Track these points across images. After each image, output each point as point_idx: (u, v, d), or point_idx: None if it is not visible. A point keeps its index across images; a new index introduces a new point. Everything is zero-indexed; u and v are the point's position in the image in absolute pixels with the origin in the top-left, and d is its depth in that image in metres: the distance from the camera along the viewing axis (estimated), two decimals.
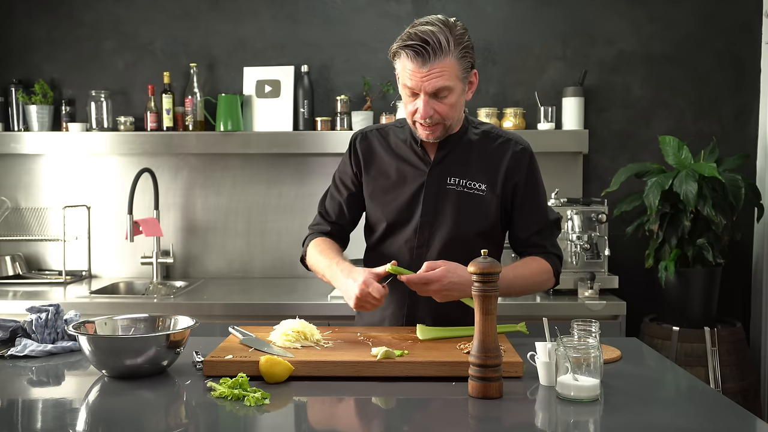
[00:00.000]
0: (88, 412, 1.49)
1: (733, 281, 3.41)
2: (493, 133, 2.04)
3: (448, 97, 1.87)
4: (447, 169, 1.99)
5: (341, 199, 2.10)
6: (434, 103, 1.86)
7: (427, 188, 1.99)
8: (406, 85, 1.87)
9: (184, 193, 3.58)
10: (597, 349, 1.49)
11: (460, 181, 1.98)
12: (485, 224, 1.99)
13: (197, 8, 3.55)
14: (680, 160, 3.17)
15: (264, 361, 1.59)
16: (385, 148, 2.06)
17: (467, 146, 2.01)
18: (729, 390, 2.96)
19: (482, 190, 1.98)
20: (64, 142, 3.45)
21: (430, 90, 1.84)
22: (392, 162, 2.04)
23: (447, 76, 1.84)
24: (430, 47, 1.81)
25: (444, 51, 1.82)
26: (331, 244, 2.07)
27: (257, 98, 3.49)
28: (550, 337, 1.60)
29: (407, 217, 2.00)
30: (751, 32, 3.46)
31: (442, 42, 1.82)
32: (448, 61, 1.83)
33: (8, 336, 1.91)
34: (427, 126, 1.90)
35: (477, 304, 1.50)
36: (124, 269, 3.58)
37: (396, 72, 1.94)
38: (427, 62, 1.81)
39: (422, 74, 1.83)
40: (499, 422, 1.44)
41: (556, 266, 2.02)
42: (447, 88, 1.85)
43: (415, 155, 2.02)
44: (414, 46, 1.82)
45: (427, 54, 1.81)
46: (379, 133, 2.09)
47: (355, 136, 2.11)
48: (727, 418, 1.43)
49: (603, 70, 3.50)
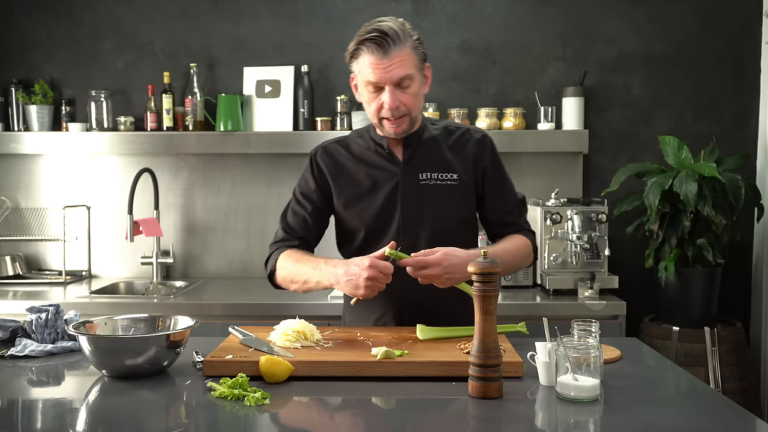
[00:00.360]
0: (88, 412, 1.49)
1: (733, 281, 3.41)
2: (452, 127, 2.12)
3: (410, 86, 1.92)
4: (417, 166, 2.02)
5: (305, 214, 2.07)
6: (399, 94, 1.91)
7: (402, 187, 2.00)
8: (370, 81, 1.91)
9: (184, 193, 3.58)
10: (597, 349, 1.49)
11: (432, 174, 2.02)
12: (465, 212, 2.05)
13: (197, 8, 3.55)
14: (680, 160, 3.17)
15: (264, 361, 1.59)
16: (350, 158, 2.07)
17: (431, 142, 2.06)
18: (729, 390, 2.96)
19: (455, 180, 2.02)
20: (64, 142, 3.45)
21: (395, 79, 1.89)
22: (360, 169, 2.05)
23: (407, 64, 1.90)
24: (389, 37, 1.88)
25: (401, 40, 1.89)
26: (306, 252, 2.04)
27: (257, 98, 3.49)
28: (550, 337, 1.60)
29: (387, 221, 2.00)
30: (751, 32, 3.46)
31: (398, 32, 1.89)
32: (406, 50, 1.90)
33: (8, 336, 1.91)
34: (394, 119, 1.93)
35: (477, 304, 1.50)
36: (124, 269, 3.58)
37: (353, 76, 2.00)
38: (388, 52, 1.87)
39: (385, 65, 1.88)
40: (499, 422, 1.44)
41: (533, 242, 2.11)
42: (409, 77, 1.91)
43: (382, 159, 2.04)
44: (374, 38, 1.87)
45: (388, 44, 1.87)
46: (339, 145, 2.10)
47: (314, 152, 2.10)
48: (727, 418, 1.43)
49: (603, 70, 3.50)
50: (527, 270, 3.19)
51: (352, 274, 1.81)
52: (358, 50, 1.91)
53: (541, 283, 3.17)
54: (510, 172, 3.37)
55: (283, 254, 2.04)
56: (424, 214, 2.00)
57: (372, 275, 1.78)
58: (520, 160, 3.48)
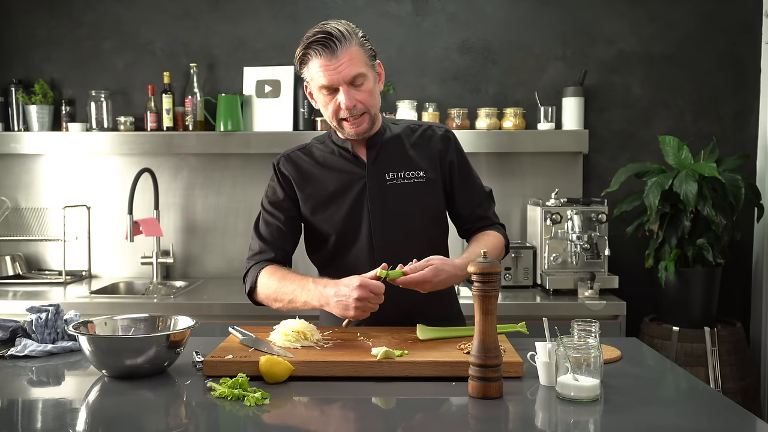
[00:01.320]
0: (88, 412, 1.49)
1: (733, 281, 3.41)
2: (413, 124, 2.11)
3: (364, 84, 1.91)
4: (383, 166, 2.01)
5: (278, 223, 2.03)
6: (354, 93, 1.90)
7: (369, 189, 1.99)
8: (323, 85, 1.89)
9: (184, 193, 3.58)
10: (597, 349, 1.49)
11: (399, 173, 2.01)
12: (435, 209, 2.04)
13: (197, 8, 3.55)
14: (680, 160, 3.17)
15: (264, 361, 1.59)
16: (313, 164, 2.05)
17: (394, 141, 2.05)
18: (729, 390, 2.96)
19: (422, 177, 2.02)
20: (64, 142, 3.45)
21: (347, 78, 1.88)
22: (325, 174, 2.03)
23: (357, 62, 1.89)
24: (334, 37, 1.87)
25: (347, 38, 1.88)
26: (290, 270, 2.00)
27: (257, 98, 3.49)
28: (550, 337, 1.60)
29: (357, 224, 1.98)
30: (751, 32, 3.46)
31: (343, 32, 1.89)
32: (353, 48, 1.89)
33: (8, 336, 1.91)
34: (353, 119, 1.92)
35: (477, 304, 1.50)
36: (124, 269, 3.58)
37: (305, 84, 1.98)
38: (336, 52, 1.86)
39: (335, 65, 1.87)
40: (499, 422, 1.44)
41: (506, 236, 2.11)
42: (361, 75, 1.90)
43: (347, 162, 2.02)
44: (320, 40, 1.87)
45: (334, 44, 1.87)
46: (302, 152, 2.08)
47: (277, 161, 2.07)
48: (727, 418, 1.43)
49: (603, 70, 3.50)
50: (527, 270, 3.20)
51: (342, 295, 1.78)
52: (306, 55, 1.89)
53: (541, 283, 3.17)
54: (510, 172, 3.37)
55: (264, 270, 1.99)
56: (393, 214, 1.98)
57: (362, 296, 1.76)
58: (520, 160, 3.48)
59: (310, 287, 1.87)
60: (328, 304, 1.83)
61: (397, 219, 1.99)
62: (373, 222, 1.98)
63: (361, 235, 1.99)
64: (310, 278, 1.91)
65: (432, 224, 2.04)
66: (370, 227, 1.98)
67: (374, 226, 1.98)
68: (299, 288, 1.89)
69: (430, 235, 2.04)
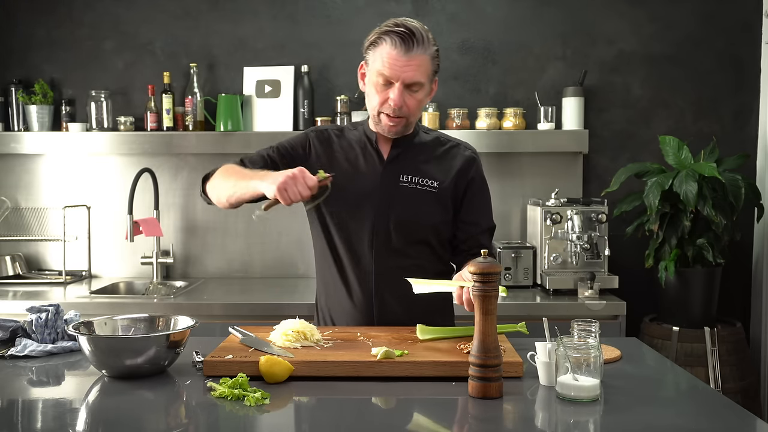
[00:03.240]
0: (88, 412, 1.49)
1: (733, 281, 3.41)
2: (443, 138, 2.12)
3: (418, 92, 1.92)
4: (400, 168, 2.02)
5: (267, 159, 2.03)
6: (406, 95, 1.91)
7: (381, 186, 2.00)
8: (382, 73, 1.89)
9: (184, 193, 3.58)
10: (597, 349, 1.49)
11: (413, 178, 2.02)
12: (439, 218, 2.03)
13: (197, 8, 3.55)
14: (680, 160, 3.17)
15: (264, 361, 1.59)
16: (341, 144, 2.07)
17: (419, 147, 2.06)
18: (729, 390, 2.96)
19: (434, 187, 2.02)
20: (64, 142, 3.45)
21: (408, 80, 1.88)
22: (345, 157, 2.05)
23: (423, 71, 1.90)
24: (415, 37, 1.86)
25: (425, 45, 1.88)
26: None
27: (257, 98, 3.49)
28: (550, 337, 1.60)
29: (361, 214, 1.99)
30: (751, 32, 3.46)
31: (424, 36, 1.89)
32: (426, 56, 1.89)
33: (8, 336, 1.91)
34: (394, 117, 1.93)
35: (477, 304, 1.50)
36: (124, 269, 3.58)
37: (363, 64, 1.98)
38: (410, 51, 1.86)
39: (403, 62, 1.86)
40: (499, 422, 1.44)
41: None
42: (420, 84, 1.91)
43: (369, 153, 2.04)
44: (401, 33, 1.86)
45: (412, 42, 1.86)
46: (335, 131, 2.11)
47: (312, 130, 2.12)
48: (727, 418, 1.43)
49: (603, 70, 3.50)
50: (527, 270, 3.19)
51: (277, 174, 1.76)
52: (381, 40, 1.89)
53: (541, 283, 3.17)
54: (510, 172, 3.36)
55: (225, 165, 2.01)
56: (397, 215, 1.99)
57: (294, 175, 1.74)
58: (520, 160, 3.48)
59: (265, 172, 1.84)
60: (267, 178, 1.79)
61: (400, 220, 1.99)
62: (376, 218, 1.99)
63: (364, 226, 1.99)
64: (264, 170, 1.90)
65: (432, 232, 2.03)
66: (373, 222, 1.99)
67: (377, 222, 1.99)
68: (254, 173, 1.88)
69: (429, 242, 2.04)
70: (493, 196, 2.17)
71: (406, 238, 2.00)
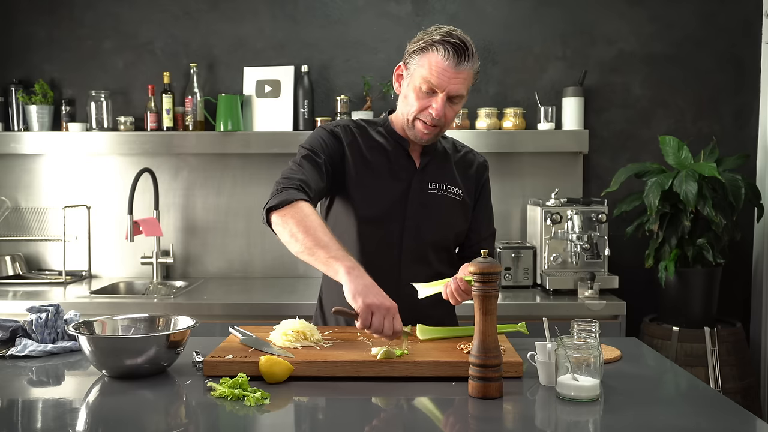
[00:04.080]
0: (88, 412, 1.49)
1: (733, 281, 3.41)
2: (458, 144, 2.15)
3: (458, 104, 1.93)
4: (429, 175, 2.03)
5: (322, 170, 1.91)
6: (447, 106, 1.90)
7: (412, 191, 2.00)
8: (429, 81, 1.86)
9: (184, 193, 3.57)
10: (597, 349, 1.49)
11: (441, 186, 2.03)
12: (462, 226, 2.07)
13: (197, 8, 3.55)
14: (680, 160, 3.17)
15: (264, 361, 1.59)
16: (367, 143, 2.01)
17: (443, 154, 2.08)
18: (729, 390, 2.96)
19: (459, 195, 2.05)
20: (64, 142, 3.45)
21: (454, 92, 1.88)
22: (376, 158, 2.00)
23: (467, 85, 1.91)
24: (468, 51, 1.86)
25: (473, 59, 1.89)
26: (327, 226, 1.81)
27: (257, 98, 3.49)
28: (550, 337, 1.60)
29: (390, 220, 1.97)
30: (751, 32, 3.46)
31: (473, 51, 1.88)
32: (471, 71, 1.89)
33: (8, 336, 1.91)
34: (430, 126, 1.92)
35: (477, 304, 1.50)
36: (124, 269, 3.58)
37: (401, 65, 1.94)
38: (460, 63, 1.85)
39: (452, 74, 1.85)
40: (499, 422, 1.44)
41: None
42: (462, 97, 1.92)
43: (401, 159, 2.02)
44: (455, 45, 1.85)
45: (464, 56, 1.85)
46: (359, 129, 2.03)
47: (335, 124, 2.02)
48: (727, 418, 1.43)
49: (603, 70, 3.50)
50: (527, 270, 3.20)
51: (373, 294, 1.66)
52: (432, 46, 1.85)
53: (541, 283, 3.17)
54: (510, 172, 3.38)
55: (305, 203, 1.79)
56: (428, 222, 2.00)
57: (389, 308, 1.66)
58: (520, 160, 3.48)
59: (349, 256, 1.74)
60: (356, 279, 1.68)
61: (428, 226, 2.00)
62: (406, 223, 1.98)
63: (391, 230, 1.98)
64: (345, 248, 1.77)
65: (454, 240, 2.08)
66: (403, 227, 1.98)
67: (407, 227, 1.98)
68: (338, 246, 1.74)
69: (450, 249, 2.08)
70: (493, 196, 2.20)
71: (433, 246, 2.01)
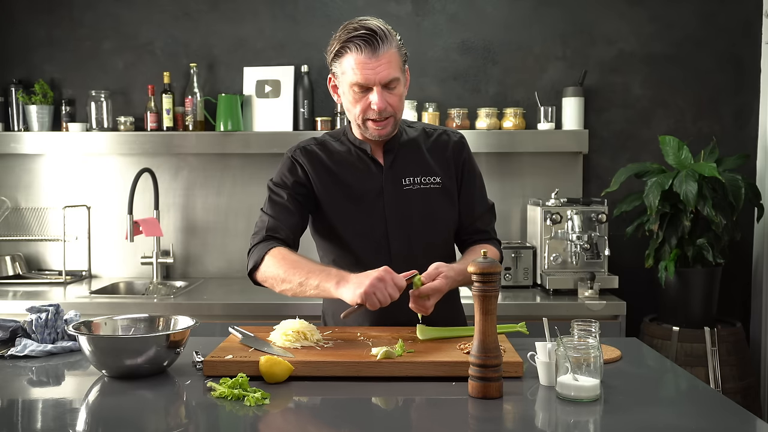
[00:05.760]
0: (88, 412, 1.49)
1: (733, 281, 3.41)
2: (429, 128, 2.08)
3: (396, 88, 1.88)
4: (400, 171, 1.98)
5: (286, 202, 1.95)
6: (386, 95, 1.87)
7: (386, 194, 1.96)
8: (356, 83, 1.85)
9: (184, 193, 3.58)
10: (597, 349, 1.49)
11: (415, 179, 1.98)
12: (453, 214, 2.02)
13: (197, 8, 3.55)
14: (680, 160, 3.17)
15: (264, 361, 1.59)
16: (330, 159, 1.99)
17: (411, 145, 2.01)
18: (729, 390, 2.96)
19: (438, 183, 1.99)
20: (64, 142, 3.45)
21: (385, 80, 1.84)
22: (342, 171, 1.98)
23: (395, 65, 1.86)
24: (378, 36, 1.83)
25: (389, 39, 1.85)
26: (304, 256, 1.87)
27: (257, 98, 3.49)
28: (550, 337, 1.60)
29: (372, 227, 1.95)
30: (751, 32, 3.46)
31: (385, 31, 1.85)
32: (393, 50, 1.86)
33: (8, 336, 1.91)
34: (381, 120, 1.89)
35: (477, 304, 1.50)
36: (124, 269, 3.58)
37: (331, 77, 1.94)
38: (377, 51, 1.82)
39: (374, 64, 1.83)
40: (499, 422, 1.44)
41: (500, 252, 2.09)
42: (396, 79, 1.87)
43: (364, 163, 1.98)
44: (363, 36, 1.82)
45: (377, 42, 1.82)
46: (317, 147, 2.01)
47: (292, 150, 2.01)
48: (727, 418, 1.43)
49: (603, 70, 3.50)
50: (527, 270, 3.20)
51: (363, 275, 1.72)
52: (345, 48, 1.84)
53: (541, 283, 3.17)
54: (510, 172, 3.37)
55: (275, 250, 1.87)
56: (410, 220, 1.96)
57: (383, 276, 1.69)
58: (520, 160, 3.48)
59: (332, 271, 1.79)
60: (346, 283, 1.73)
61: (413, 225, 1.96)
62: (389, 227, 1.95)
63: (377, 238, 1.95)
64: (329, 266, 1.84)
65: (446, 230, 2.02)
66: (387, 232, 1.95)
67: (390, 231, 1.95)
68: (318, 269, 1.80)
69: (444, 241, 2.03)
70: (493, 196, 2.17)
71: (422, 242, 1.97)
